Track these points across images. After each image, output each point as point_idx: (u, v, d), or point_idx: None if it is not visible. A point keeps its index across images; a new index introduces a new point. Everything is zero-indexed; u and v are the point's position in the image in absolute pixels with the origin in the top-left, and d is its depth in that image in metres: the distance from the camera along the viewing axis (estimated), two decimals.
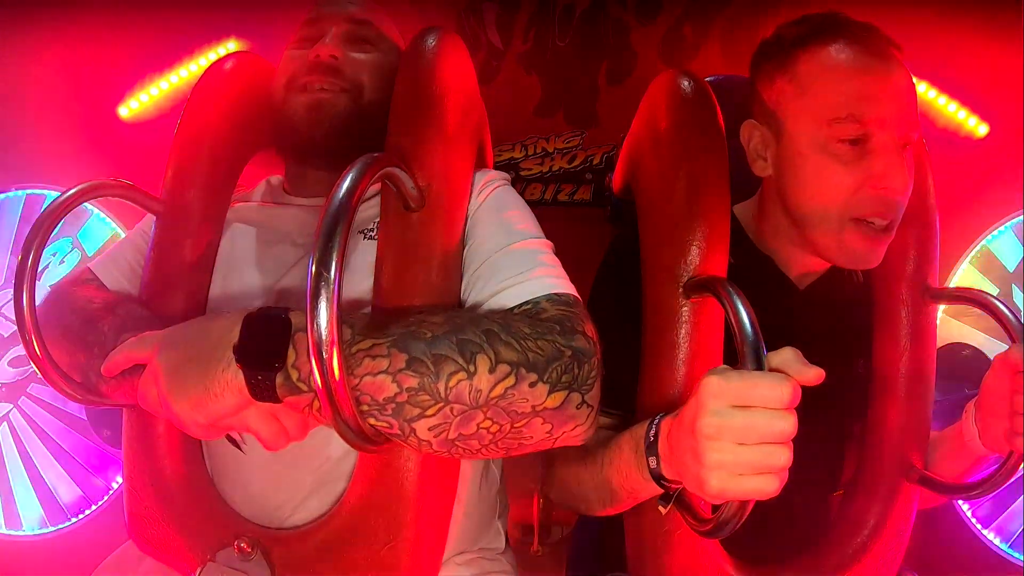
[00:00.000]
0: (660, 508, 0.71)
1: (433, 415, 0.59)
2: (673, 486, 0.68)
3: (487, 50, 2.02)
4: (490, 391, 0.59)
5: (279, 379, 0.58)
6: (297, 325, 0.60)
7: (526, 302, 0.69)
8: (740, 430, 0.55)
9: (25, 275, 0.68)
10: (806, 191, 0.82)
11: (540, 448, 0.66)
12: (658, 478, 0.67)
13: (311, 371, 0.53)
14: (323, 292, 0.51)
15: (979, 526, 1.75)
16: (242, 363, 0.59)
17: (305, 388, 0.59)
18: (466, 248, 0.77)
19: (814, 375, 0.57)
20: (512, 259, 0.74)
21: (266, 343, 0.59)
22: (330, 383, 0.52)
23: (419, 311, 0.68)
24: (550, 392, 0.61)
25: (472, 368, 0.59)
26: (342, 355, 0.52)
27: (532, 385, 0.61)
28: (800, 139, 0.82)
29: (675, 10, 1.97)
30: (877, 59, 0.79)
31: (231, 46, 1.88)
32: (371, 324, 0.62)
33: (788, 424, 0.55)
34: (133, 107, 1.88)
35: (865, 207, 0.79)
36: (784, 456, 0.55)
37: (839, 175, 0.79)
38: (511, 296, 0.70)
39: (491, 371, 0.59)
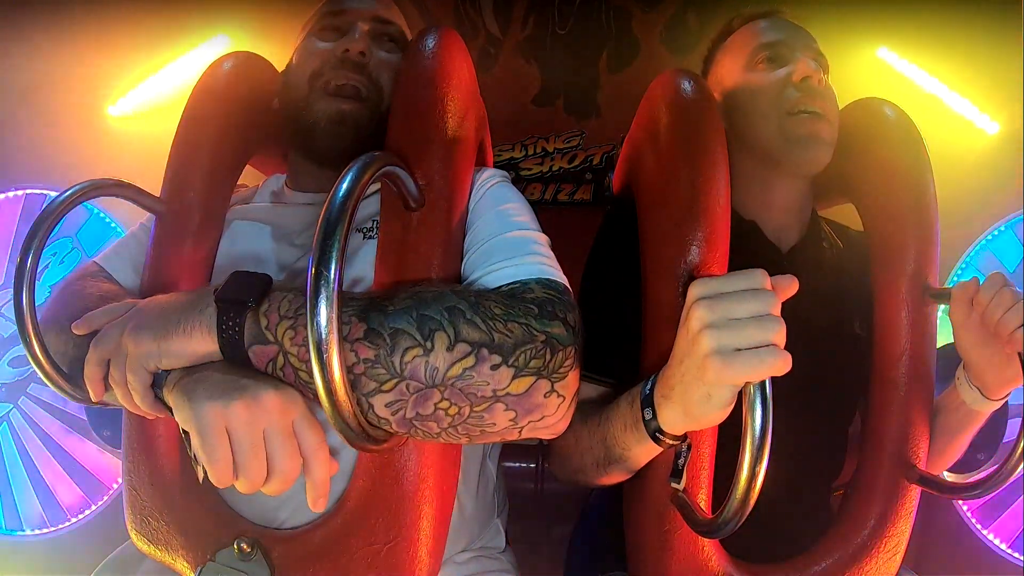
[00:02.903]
0: (672, 484, 0.71)
1: (389, 391, 0.58)
2: (667, 440, 0.68)
3: (485, 38, 1.97)
4: (447, 370, 0.58)
5: (248, 323, 0.59)
6: (277, 286, 0.62)
7: (514, 282, 0.68)
8: (728, 306, 0.59)
9: (25, 275, 0.68)
10: (746, 104, 0.97)
11: (507, 438, 0.63)
12: (653, 431, 0.68)
13: (278, 322, 0.57)
14: (323, 291, 0.51)
15: (979, 526, 1.75)
16: (219, 301, 0.60)
17: (271, 339, 0.59)
18: (465, 240, 0.77)
19: (788, 281, 0.61)
20: (507, 244, 0.73)
21: (245, 289, 0.61)
22: (330, 382, 0.52)
23: (395, 286, 0.67)
24: (515, 377, 0.59)
25: (429, 345, 0.58)
26: (341, 351, 0.52)
27: (494, 368, 0.58)
28: (733, 76, 1.00)
29: None
30: (787, 24, 1.00)
31: (224, 39, 1.87)
32: (349, 296, 0.62)
33: (771, 297, 0.59)
34: (123, 107, 1.88)
35: (796, 99, 0.92)
36: (776, 325, 0.58)
37: (765, 80, 0.95)
38: (500, 276, 0.69)
39: (448, 349, 0.58)
